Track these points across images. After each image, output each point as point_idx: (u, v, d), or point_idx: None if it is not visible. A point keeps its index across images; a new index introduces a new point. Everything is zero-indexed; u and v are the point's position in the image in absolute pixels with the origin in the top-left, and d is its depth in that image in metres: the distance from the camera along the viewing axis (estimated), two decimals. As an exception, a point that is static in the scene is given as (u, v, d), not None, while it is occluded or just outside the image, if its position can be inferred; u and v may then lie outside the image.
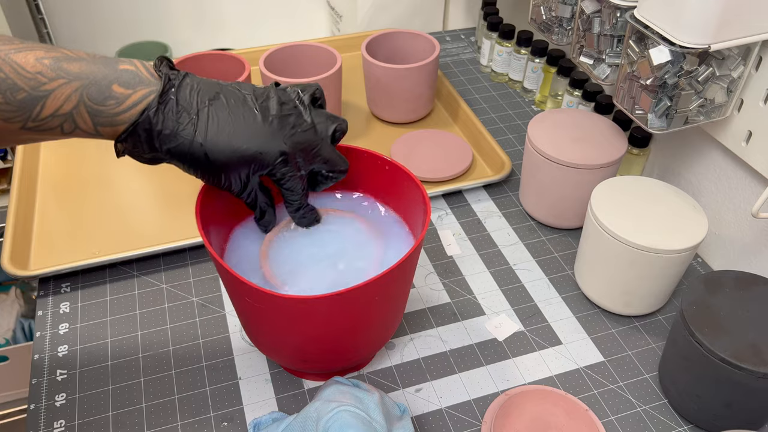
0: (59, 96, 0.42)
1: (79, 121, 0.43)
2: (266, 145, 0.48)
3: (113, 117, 0.44)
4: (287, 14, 1.46)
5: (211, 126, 0.46)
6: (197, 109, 0.46)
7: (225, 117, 0.47)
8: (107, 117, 0.44)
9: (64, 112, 0.43)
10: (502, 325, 0.65)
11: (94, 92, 0.43)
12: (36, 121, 0.42)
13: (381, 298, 0.50)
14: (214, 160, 0.47)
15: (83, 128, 0.44)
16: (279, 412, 0.54)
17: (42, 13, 1.29)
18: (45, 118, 0.42)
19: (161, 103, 0.45)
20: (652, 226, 0.59)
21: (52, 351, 0.62)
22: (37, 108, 0.42)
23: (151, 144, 0.45)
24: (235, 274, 0.46)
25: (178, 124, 0.45)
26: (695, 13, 0.53)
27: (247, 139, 0.47)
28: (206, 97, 0.47)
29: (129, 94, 0.44)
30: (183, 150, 0.46)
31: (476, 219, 0.77)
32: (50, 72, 0.42)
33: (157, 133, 0.45)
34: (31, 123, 0.42)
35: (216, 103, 0.47)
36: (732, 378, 0.50)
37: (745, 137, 0.62)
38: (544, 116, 0.74)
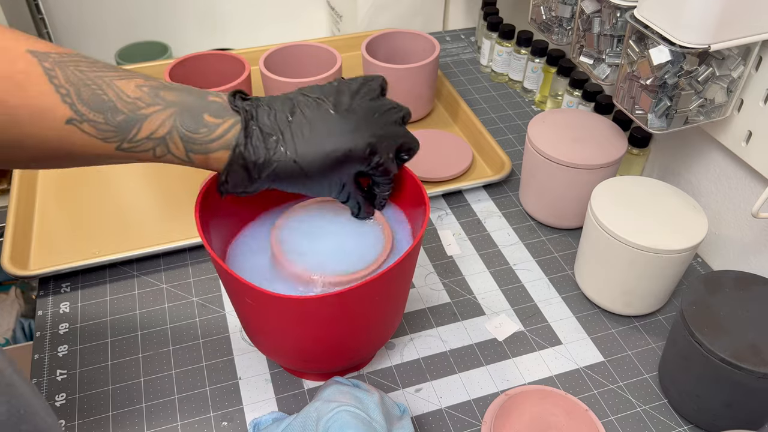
0: (155, 121, 0.44)
1: (171, 146, 0.45)
2: (353, 140, 0.49)
3: (205, 145, 0.46)
4: (287, 14, 1.46)
5: (298, 141, 0.47)
6: (281, 130, 0.47)
7: (307, 128, 0.48)
8: (199, 144, 0.46)
9: (158, 136, 0.45)
10: (502, 325, 0.65)
11: (188, 120, 0.45)
12: (131, 142, 0.44)
13: (381, 298, 0.50)
14: (310, 172, 0.48)
15: (175, 153, 0.46)
16: (279, 412, 0.54)
17: (42, 13, 1.29)
18: (140, 140, 0.44)
19: (247, 136, 0.46)
20: (652, 226, 0.59)
21: (52, 351, 0.62)
22: (134, 130, 0.44)
23: (249, 176, 0.47)
24: (235, 274, 0.46)
25: (268, 150, 0.46)
26: (695, 13, 0.53)
27: (335, 141, 0.48)
28: (284, 116, 0.48)
29: (219, 123, 0.46)
30: (280, 172, 0.47)
31: (476, 219, 0.77)
32: (148, 98, 0.44)
33: (252, 165, 0.46)
34: (126, 144, 0.44)
35: (295, 118, 0.48)
36: (732, 378, 0.50)
37: (745, 137, 0.62)
38: (544, 116, 0.74)
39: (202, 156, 0.46)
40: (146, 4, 1.38)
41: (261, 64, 0.82)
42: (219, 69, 0.84)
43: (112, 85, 0.44)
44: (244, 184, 0.48)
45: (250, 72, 0.81)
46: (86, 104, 0.42)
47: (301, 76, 0.87)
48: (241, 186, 0.48)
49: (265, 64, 0.83)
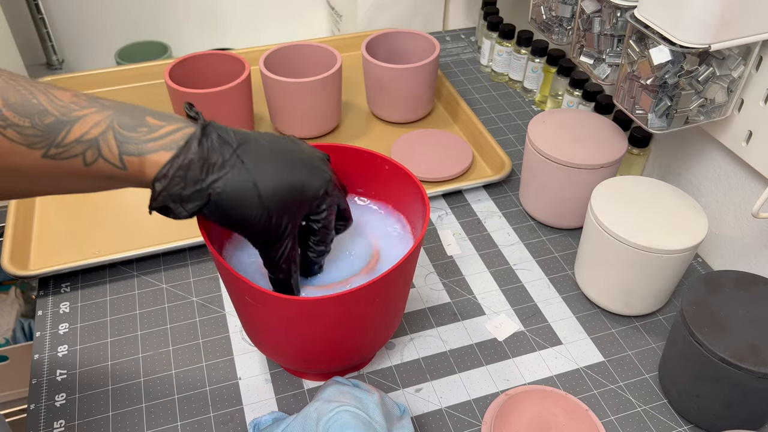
0: (88, 122, 0.41)
1: (104, 148, 0.41)
2: (312, 174, 0.47)
3: (143, 144, 0.42)
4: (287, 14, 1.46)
5: (255, 156, 0.44)
6: (237, 143, 0.44)
7: (266, 150, 0.45)
8: (135, 144, 0.42)
9: (90, 138, 0.41)
10: (502, 325, 0.65)
11: (126, 120, 0.42)
12: (59, 147, 0.40)
13: (381, 299, 0.50)
14: (263, 190, 0.44)
15: (107, 157, 0.41)
16: (279, 412, 0.54)
17: (42, 13, 1.29)
18: (69, 143, 0.40)
19: (204, 134, 0.43)
20: (652, 226, 0.59)
21: (52, 351, 0.62)
22: (62, 133, 0.40)
23: (194, 178, 0.42)
24: (236, 273, 0.46)
25: (223, 154, 0.43)
26: (695, 13, 0.53)
27: (294, 168, 0.46)
28: (241, 135, 0.45)
29: (163, 125, 0.43)
30: (230, 189, 0.43)
31: (476, 219, 0.77)
32: (84, 102, 0.41)
33: (202, 163, 0.42)
34: (54, 149, 0.40)
35: (252, 137, 0.45)
36: (732, 378, 0.50)
37: (746, 137, 0.62)
38: (544, 116, 0.74)
39: (136, 159, 0.42)
40: (146, 4, 1.38)
41: (261, 64, 0.82)
42: (219, 69, 0.84)
43: (46, 92, 0.40)
44: (183, 185, 0.42)
45: (250, 72, 0.81)
46: (13, 108, 0.39)
47: (301, 76, 0.87)
48: (180, 186, 0.42)
49: (265, 64, 0.83)
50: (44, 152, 0.40)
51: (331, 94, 0.84)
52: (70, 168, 0.41)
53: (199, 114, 0.44)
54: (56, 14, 1.33)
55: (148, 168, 0.42)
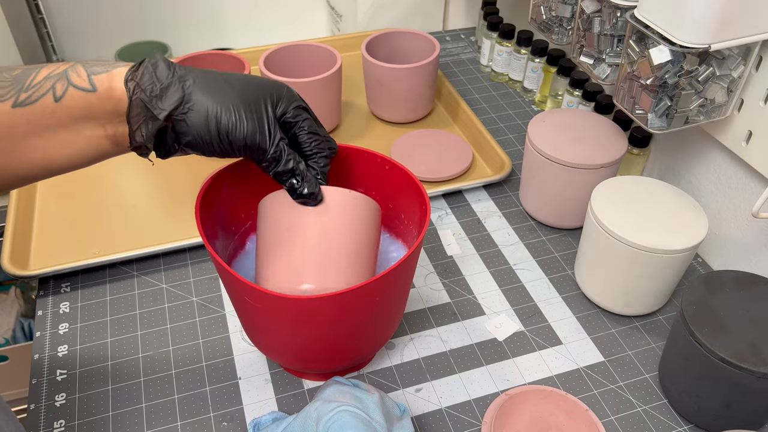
0: (54, 65, 0.43)
1: (72, 75, 0.42)
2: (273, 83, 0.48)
3: (109, 65, 0.43)
4: (287, 14, 1.46)
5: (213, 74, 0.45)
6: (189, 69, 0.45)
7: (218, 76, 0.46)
8: (103, 66, 0.43)
9: (59, 72, 0.42)
10: (502, 325, 0.65)
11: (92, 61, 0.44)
12: (28, 89, 0.41)
13: (381, 298, 0.50)
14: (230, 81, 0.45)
15: (76, 83, 0.42)
16: (279, 412, 0.54)
17: (42, 13, 1.29)
18: (38, 82, 0.41)
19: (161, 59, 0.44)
20: (652, 226, 0.59)
21: (51, 351, 0.62)
22: (31, 75, 0.42)
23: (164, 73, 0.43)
24: (235, 274, 0.46)
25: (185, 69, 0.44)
26: (695, 13, 0.53)
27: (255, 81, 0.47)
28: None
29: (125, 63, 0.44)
30: (198, 76, 0.44)
31: (476, 219, 0.77)
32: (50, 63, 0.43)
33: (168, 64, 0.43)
34: (23, 94, 0.41)
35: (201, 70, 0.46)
36: (732, 378, 0.50)
37: (745, 137, 0.62)
38: (544, 116, 0.74)
39: (105, 76, 0.42)
40: (146, 4, 1.38)
41: (261, 63, 0.82)
42: (219, 69, 0.84)
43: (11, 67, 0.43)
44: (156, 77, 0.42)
45: (250, 72, 0.81)
46: None
47: (301, 75, 0.87)
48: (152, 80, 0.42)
49: (265, 64, 0.83)
50: (14, 101, 0.41)
51: (331, 94, 0.84)
52: (40, 112, 0.41)
53: None
54: (56, 14, 1.33)
55: (116, 81, 0.42)
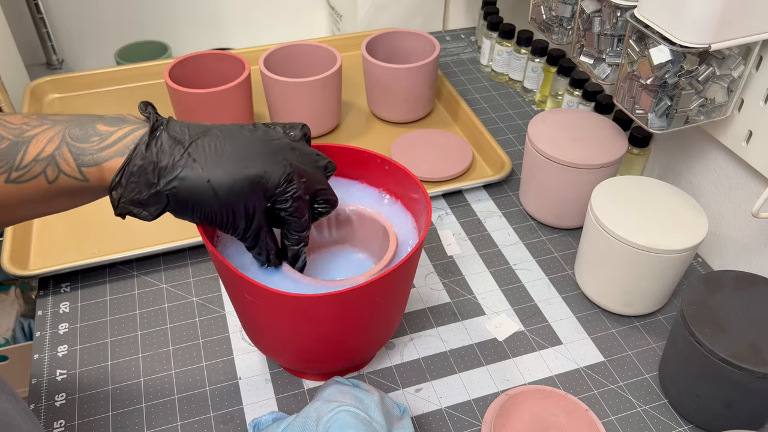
0: (41, 139, 0.41)
1: (61, 163, 0.42)
2: (271, 164, 0.46)
3: (97, 153, 0.42)
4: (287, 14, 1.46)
5: (208, 153, 0.44)
6: (190, 140, 0.44)
7: (222, 143, 0.45)
8: (90, 154, 0.42)
9: (47, 155, 0.41)
10: (502, 325, 0.65)
11: (77, 131, 0.42)
12: (19, 170, 0.41)
13: (381, 299, 0.50)
14: (218, 187, 0.44)
15: (67, 171, 0.42)
16: (279, 412, 0.54)
17: (42, 13, 1.29)
18: (28, 164, 0.41)
19: (152, 137, 0.43)
20: (652, 226, 0.59)
21: (51, 351, 0.62)
22: (20, 154, 0.41)
23: (148, 182, 0.43)
24: (235, 269, 0.46)
25: (173, 155, 0.43)
26: (696, 13, 0.53)
27: (250, 160, 0.45)
28: (197, 131, 0.45)
29: (113, 131, 0.43)
30: (185, 186, 0.43)
31: (476, 219, 0.77)
32: (35, 121, 0.42)
33: (152, 167, 0.42)
34: (15, 173, 0.41)
35: (209, 133, 0.45)
36: (732, 378, 0.50)
37: (746, 137, 0.62)
38: (544, 116, 0.74)
39: (95, 169, 0.42)
40: (146, 4, 1.38)
41: (261, 63, 0.82)
42: (219, 69, 0.84)
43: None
44: (139, 191, 0.42)
45: (250, 72, 0.81)
46: None
47: (301, 75, 0.87)
48: (135, 192, 0.42)
49: (265, 64, 0.83)
50: (6, 177, 0.41)
51: (331, 94, 0.84)
52: (37, 189, 0.42)
53: (151, 114, 0.44)
54: (56, 14, 1.33)
55: (107, 175, 0.43)
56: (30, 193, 0.42)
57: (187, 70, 0.82)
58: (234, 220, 0.46)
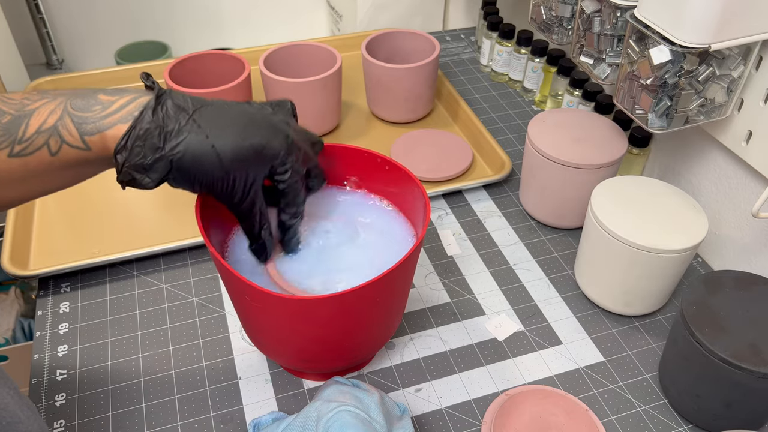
0: (43, 112, 0.42)
1: (64, 133, 0.42)
2: (272, 135, 0.47)
3: (100, 121, 0.42)
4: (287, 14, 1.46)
5: (212, 120, 0.45)
6: (193, 108, 0.45)
7: (224, 113, 0.46)
8: (93, 122, 0.42)
9: (49, 126, 0.41)
10: (502, 325, 0.65)
11: (79, 102, 0.42)
12: (22, 142, 0.41)
13: (381, 299, 0.50)
14: (222, 153, 0.44)
15: (69, 141, 0.42)
16: (279, 412, 0.54)
17: (42, 13, 1.29)
18: (30, 136, 0.41)
19: (158, 102, 0.43)
20: (652, 226, 0.59)
21: (51, 351, 0.62)
22: (22, 127, 0.41)
23: (153, 146, 0.42)
24: (235, 272, 0.46)
25: (179, 120, 0.43)
26: (695, 13, 0.53)
27: (252, 129, 0.46)
28: (199, 101, 0.46)
29: (115, 99, 0.43)
30: (190, 151, 0.43)
31: (476, 219, 0.77)
32: (35, 96, 0.42)
33: (158, 131, 0.42)
34: (17, 146, 0.41)
35: (211, 104, 0.46)
36: (732, 378, 0.50)
37: (745, 137, 0.62)
38: (544, 116, 0.74)
39: (97, 137, 0.42)
40: (146, 4, 1.38)
41: (261, 63, 0.82)
42: (219, 69, 0.84)
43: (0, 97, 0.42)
44: (143, 154, 0.42)
45: (250, 72, 0.81)
46: None
47: (301, 75, 0.87)
48: (140, 156, 0.42)
49: (265, 64, 0.83)
50: (9, 151, 0.41)
51: (331, 94, 0.84)
52: (40, 162, 0.42)
53: (155, 83, 0.45)
54: (56, 14, 1.33)
55: (109, 143, 0.43)
56: (33, 167, 0.42)
57: (187, 70, 0.82)
58: (233, 187, 0.46)
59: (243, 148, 0.45)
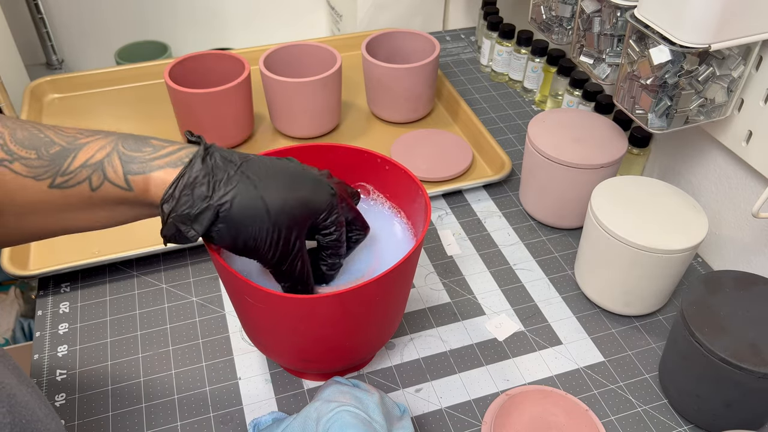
0: (93, 146, 0.41)
1: (108, 170, 0.41)
2: (318, 188, 0.47)
3: (147, 163, 0.42)
4: (287, 14, 1.46)
5: (260, 172, 0.44)
6: (240, 161, 0.44)
7: (269, 167, 0.45)
8: (141, 163, 0.42)
9: (95, 161, 0.41)
10: (502, 325, 0.65)
11: (131, 142, 0.42)
12: (65, 175, 0.41)
13: (381, 299, 0.50)
14: (270, 204, 0.43)
15: (113, 179, 0.41)
16: (279, 412, 0.54)
17: (42, 13, 1.29)
18: (75, 169, 0.41)
19: (207, 153, 0.43)
20: (652, 226, 0.59)
21: (51, 351, 0.62)
22: (68, 159, 0.41)
23: (201, 195, 0.42)
24: (235, 272, 0.46)
25: (227, 170, 0.43)
26: (696, 13, 0.53)
27: (298, 183, 0.46)
28: (242, 155, 0.45)
29: (166, 145, 0.43)
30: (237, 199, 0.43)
31: (476, 219, 0.77)
32: (89, 132, 0.42)
33: (207, 180, 0.42)
34: (60, 178, 0.41)
35: (255, 158, 0.46)
36: (732, 378, 0.50)
37: (745, 137, 0.62)
38: (544, 116, 0.74)
39: (141, 178, 0.42)
40: (146, 4, 1.38)
41: (261, 63, 0.82)
42: (219, 69, 0.84)
43: (53, 128, 0.41)
44: (191, 204, 0.42)
45: (250, 72, 0.81)
46: (20, 143, 0.40)
47: (301, 75, 0.87)
48: (187, 205, 0.42)
49: (265, 64, 0.83)
50: (51, 182, 0.41)
51: (331, 94, 0.84)
52: (78, 196, 0.42)
53: (201, 138, 0.45)
54: (56, 14, 1.33)
55: (153, 187, 0.42)
56: (71, 201, 0.42)
57: (187, 70, 0.82)
58: (279, 242, 0.45)
59: (290, 200, 0.45)
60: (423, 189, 0.54)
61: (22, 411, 0.34)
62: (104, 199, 0.43)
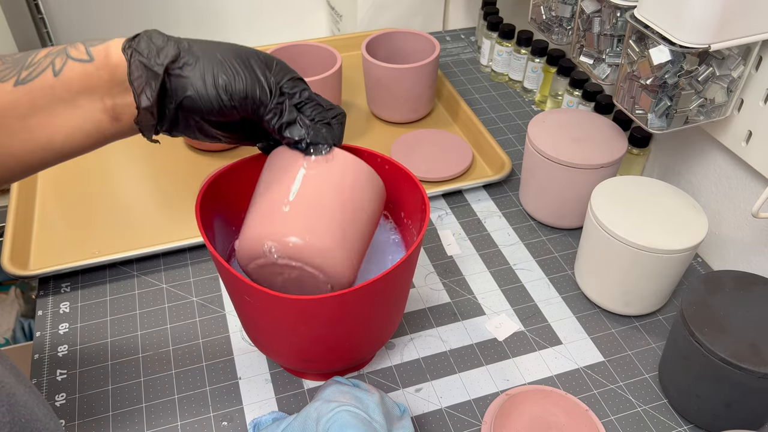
0: (56, 46, 0.43)
1: (71, 50, 0.42)
2: (266, 54, 0.47)
3: (106, 39, 0.43)
4: (287, 14, 1.46)
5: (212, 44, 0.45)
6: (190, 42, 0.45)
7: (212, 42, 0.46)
8: (100, 40, 0.43)
9: (59, 49, 0.43)
10: (502, 325, 0.65)
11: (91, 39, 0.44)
12: (29, 67, 0.42)
13: (381, 299, 0.50)
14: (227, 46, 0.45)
15: (74, 56, 0.42)
16: (279, 412, 0.54)
17: (42, 13, 1.29)
18: (38, 60, 0.42)
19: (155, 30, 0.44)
20: (652, 226, 0.59)
21: (51, 351, 0.62)
22: (31, 56, 0.42)
23: (159, 36, 0.43)
24: (235, 272, 0.46)
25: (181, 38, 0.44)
26: (695, 13, 0.53)
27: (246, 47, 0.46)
28: None
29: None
30: (194, 41, 0.44)
31: (476, 219, 0.77)
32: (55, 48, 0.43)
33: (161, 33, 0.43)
34: (24, 72, 0.42)
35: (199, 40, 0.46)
36: (732, 378, 0.50)
37: (745, 137, 0.62)
38: (544, 116, 0.74)
39: (102, 47, 0.43)
40: (146, 4, 1.38)
41: (261, 64, 0.82)
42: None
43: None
44: (147, 42, 0.43)
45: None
46: None
47: (302, 75, 0.87)
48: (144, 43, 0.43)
49: (265, 64, 0.83)
50: (15, 79, 0.42)
51: (331, 94, 0.84)
52: (40, 90, 0.42)
53: None
54: (56, 14, 1.33)
55: (113, 49, 0.43)
56: (35, 99, 0.42)
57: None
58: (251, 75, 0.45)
59: (244, 48, 0.46)
60: (423, 189, 0.54)
61: (21, 410, 0.34)
62: (66, 84, 0.42)
